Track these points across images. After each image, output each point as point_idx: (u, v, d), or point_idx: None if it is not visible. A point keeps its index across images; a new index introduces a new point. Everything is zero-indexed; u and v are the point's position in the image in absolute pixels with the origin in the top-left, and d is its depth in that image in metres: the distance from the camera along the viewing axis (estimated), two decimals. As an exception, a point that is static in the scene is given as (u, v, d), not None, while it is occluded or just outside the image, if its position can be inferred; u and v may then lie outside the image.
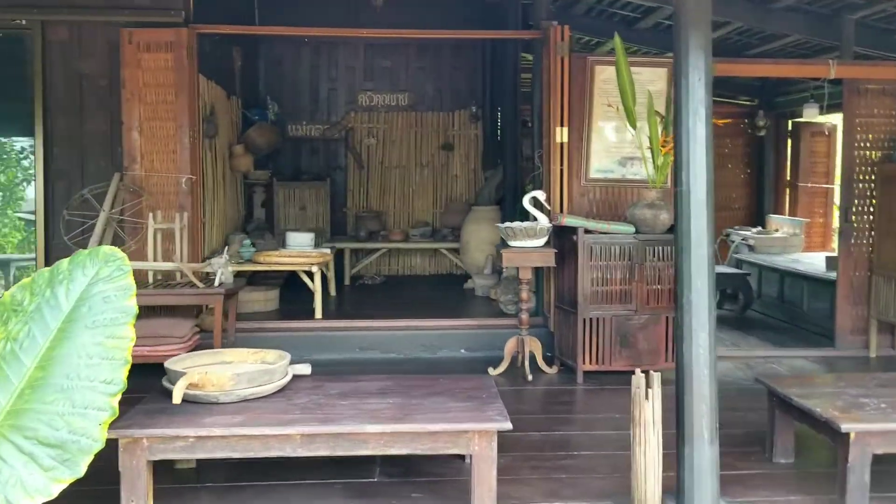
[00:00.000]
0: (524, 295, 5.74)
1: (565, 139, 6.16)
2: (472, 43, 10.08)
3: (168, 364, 3.69)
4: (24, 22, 6.23)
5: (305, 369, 4.02)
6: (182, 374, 3.52)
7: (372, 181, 10.03)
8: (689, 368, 3.36)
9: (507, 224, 5.72)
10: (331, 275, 8.18)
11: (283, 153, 10.01)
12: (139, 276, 5.86)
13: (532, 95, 6.87)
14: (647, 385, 3.31)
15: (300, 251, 7.21)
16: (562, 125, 6.14)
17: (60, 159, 6.32)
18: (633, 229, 5.66)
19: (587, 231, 5.61)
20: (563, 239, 5.88)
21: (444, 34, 7.23)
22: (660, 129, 5.69)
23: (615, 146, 6.28)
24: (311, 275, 6.80)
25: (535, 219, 5.72)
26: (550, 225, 5.65)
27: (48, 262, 6.21)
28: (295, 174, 9.81)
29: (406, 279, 9.64)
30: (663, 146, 5.63)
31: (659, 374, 3.37)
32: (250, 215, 8.51)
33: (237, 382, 3.54)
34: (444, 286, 9.02)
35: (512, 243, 5.68)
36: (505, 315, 6.83)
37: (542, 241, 5.64)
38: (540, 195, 5.76)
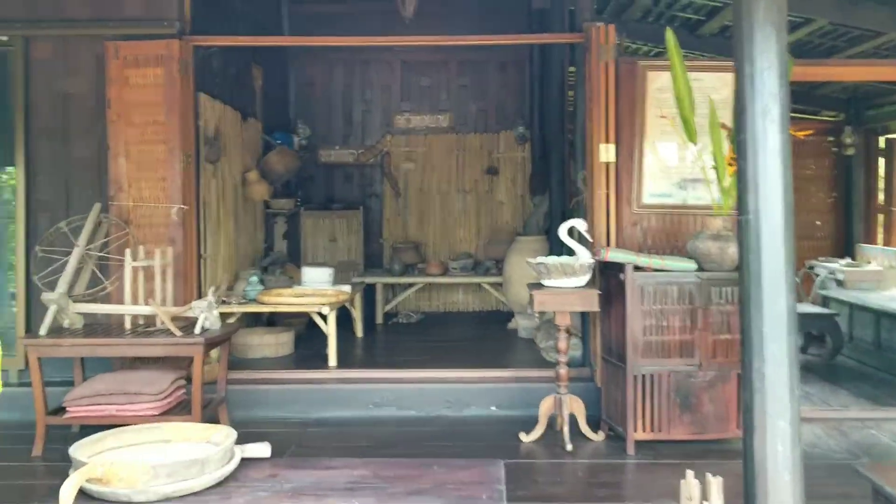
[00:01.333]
0: (561, 345, 4.77)
1: (611, 158, 5.20)
2: (518, 58, 9.21)
3: (72, 450, 2.87)
4: (5, 38, 5.63)
5: (262, 451, 3.15)
6: (83, 464, 2.70)
7: (410, 209, 9.20)
8: (761, 472, 2.39)
9: (540, 260, 4.78)
10: (358, 313, 7.36)
11: (315, 180, 9.29)
12: (116, 321, 5.13)
13: (574, 109, 5.93)
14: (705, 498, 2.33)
15: (315, 289, 6.41)
16: (607, 141, 5.19)
17: (43, 189, 5.66)
18: (694, 266, 4.65)
19: (637, 268, 4.63)
20: (608, 277, 4.91)
21: (472, 40, 6.34)
22: (726, 144, 4.69)
23: (673, 166, 5.29)
24: (324, 317, 5.97)
25: (574, 253, 4.78)
26: (592, 261, 4.69)
27: (29, 307, 5.56)
28: (327, 202, 9.06)
29: (446, 317, 8.75)
30: (730, 164, 4.63)
31: (720, 481, 2.38)
32: (272, 248, 7.78)
33: (154, 476, 2.69)
34: (485, 326, 8.10)
35: (546, 282, 4.75)
36: (547, 364, 5.86)
37: (582, 279, 4.68)
38: (579, 225, 4.81)
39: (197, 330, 4.71)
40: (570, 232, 4.81)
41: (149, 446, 3.10)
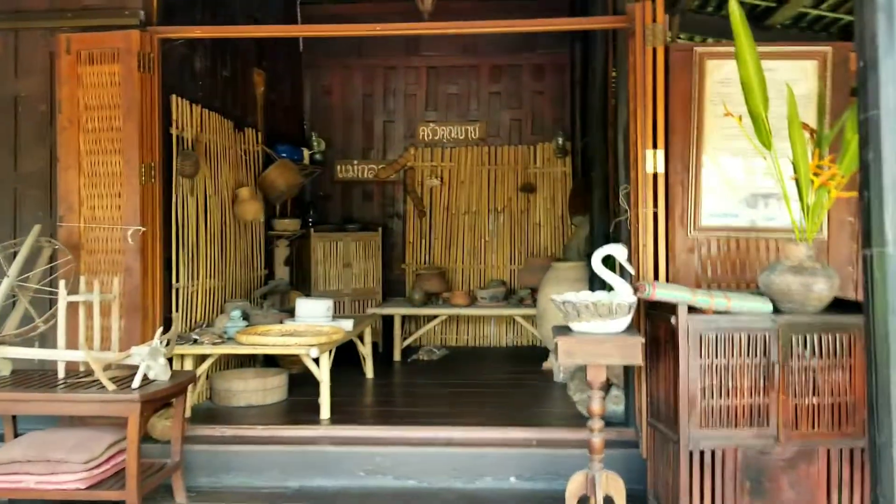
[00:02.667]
0: (595, 407, 3.70)
1: (660, 168, 4.14)
2: (557, 61, 8.18)
3: None
4: (-52, 34, 4.86)
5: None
6: None
7: (435, 231, 8.22)
8: None
9: (567, 297, 3.74)
10: (367, 351, 6.38)
11: (331, 198, 8.38)
12: (51, 367, 4.24)
13: (616, 111, 4.87)
14: None
15: (309, 325, 5.46)
16: (654, 147, 4.14)
17: (-13, 208, 4.86)
18: (769, 306, 3.56)
19: (693, 309, 3.56)
20: (655, 320, 3.84)
21: (496, 26, 5.39)
22: (809, 148, 3.61)
23: (739, 178, 4.22)
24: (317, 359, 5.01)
25: (612, 288, 3.74)
26: (634, 299, 3.63)
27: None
28: (343, 223, 8.13)
29: (473, 353, 7.71)
30: (816, 175, 3.54)
31: None
32: (273, 276, 6.87)
33: None
34: (517, 364, 7.05)
35: (575, 326, 3.70)
36: (581, 420, 4.79)
37: (620, 323, 3.63)
38: (618, 252, 3.76)
39: (135, 383, 3.78)
40: (607, 261, 3.77)
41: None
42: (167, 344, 4.01)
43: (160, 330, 4.03)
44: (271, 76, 7.23)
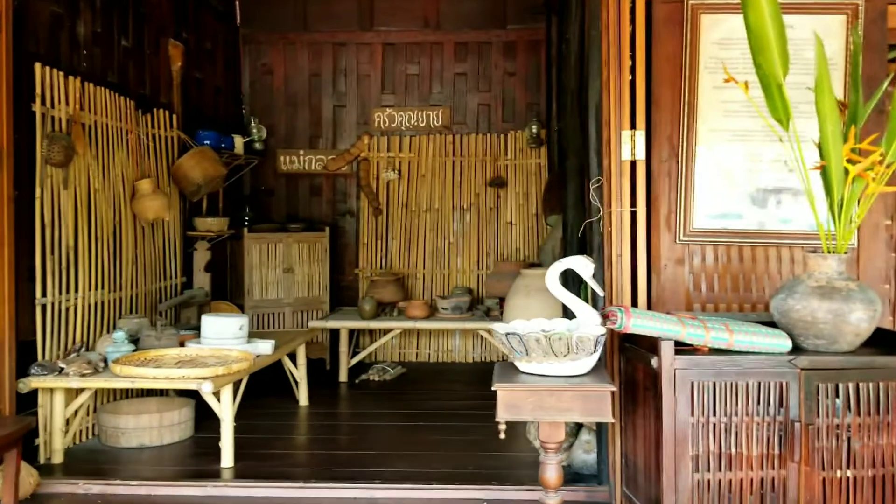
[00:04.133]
0: (549, 477, 2.72)
1: (640, 154, 3.15)
2: (531, 38, 7.16)
3: None
4: None
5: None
6: None
7: (392, 231, 7.20)
8: None
9: (509, 327, 2.74)
10: (300, 374, 5.39)
11: (274, 194, 7.36)
12: None
13: (586, 83, 3.84)
14: None
15: (214, 349, 4.45)
16: (632, 127, 3.15)
17: None
18: (786, 343, 2.59)
19: (682, 345, 2.58)
20: (630, 359, 2.86)
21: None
22: (840, 125, 2.63)
23: (744, 167, 3.23)
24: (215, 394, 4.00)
25: (572, 315, 2.75)
26: (603, 330, 2.64)
27: None
28: (288, 221, 7.10)
29: (433, 371, 6.70)
30: (851, 162, 2.57)
31: None
32: (190, 284, 5.84)
33: None
34: (482, 386, 5.99)
35: (524, 366, 2.71)
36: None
37: (584, 363, 2.64)
38: (581, 266, 2.77)
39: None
40: (567, 278, 2.79)
41: None
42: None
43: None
44: (194, 50, 6.20)
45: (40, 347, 4.14)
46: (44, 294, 4.16)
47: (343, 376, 6.26)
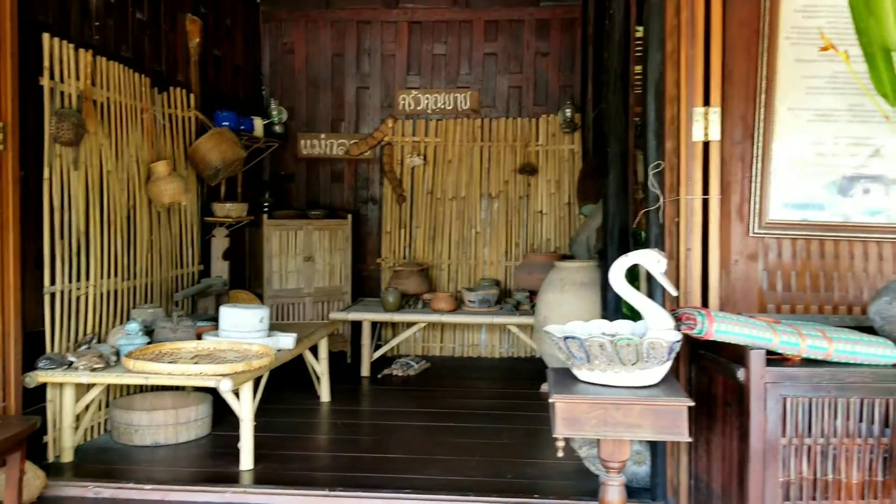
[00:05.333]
0: (611, 501, 2.40)
1: (714, 135, 2.82)
2: (566, 15, 6.79)
3: None
4: None
5: None
6: None
7: (417, 219, 6.88)
8: None
9: (567, 330, 2.42)
10: (322, 368, 5.09)
11: (294, 179, 7.06)
12: None
13: (627, 63, 3.48)
14: None
15: (233, 342, 4.16)
16: (706, 104, 2.81)
17: None
18: (892, 354, 2.25)
19: (772, 357, 2.25)
20: (708, 368, 2.53)
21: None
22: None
23: (829, 151, 2.89)
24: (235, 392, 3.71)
25: (639, 317, 2.43)
26: (678, 336, 2.31)
27: None
28: (308, 208, 6.79)
29: (459, 366, 6.39)
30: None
31: None
32: (208, 272, 5.55)
33: None
34: (511, 384, 5.75)
35: (583, 375, 2.39)
36: (590, 478, 3.52)
37: (655, 373, 2.32)
38: (650, 261, 2.44)
39: None
40: (634, 275, 2.46)
41: None
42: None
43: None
44: (213, 26, 5.89)
45: (49, 339, 3.86)
46: (52, 282, 3.87)
47: (365, 370, 5.97)
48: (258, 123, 6.17)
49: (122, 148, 4.46)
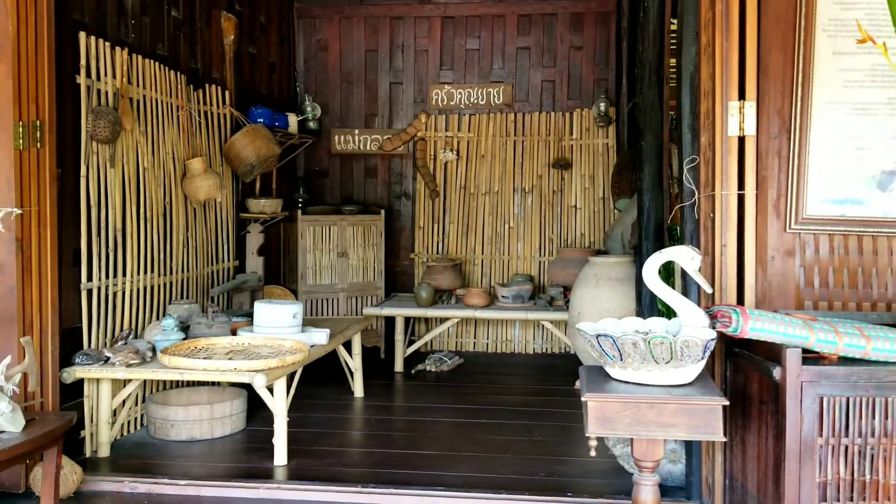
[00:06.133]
0: (644, 501, 2.37)
1: (750, 129, 2.76)
2: (600, 8, 6.73)
3: None
4: None
5: None
6: None
7: (450, 215, 6.87)
8: None
9: (600, 328, 2.40)
10: (356, 364, 5.12)
11: (327, 175, 7.09)
12: None
13: (679, 51, 3.44)
14: None
15: (267, 338, 4.19)
16: (741, 98, 2.76)
17: None
18: (934, 353, 2.19)
19: (808, 355, 2.20)
20: (743, 367, 2.49)
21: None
22: None
23: (868, 145, 2.82)
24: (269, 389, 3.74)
25: (672, 314, 2.40)
26: (713, 334, 2.28)
27: None
28: (342, 204, 6.82)
29: (492, 362, 6.38)
30: None
31: None
32: (243, 268, 5.60)
33: None
34: (545, 380, 5.73)
35: (615, 373, 2.37)
36: (624, 476, 3.49)
37: (689, 371, 2.29)
38: (684, 258, 2.40)
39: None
40: (669, 271, 2.43)
41: None
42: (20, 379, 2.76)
43: (6, 361, 2.77)
44: (248, 23, 5.94)
45: (86, 334, 3.92)
46: (90, 278, 3.94)
47: (399, 366, 5.99)
48: (292, 120, 6.21)
49: (158, 145, 4.52)
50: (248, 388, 4.06)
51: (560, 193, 6.81)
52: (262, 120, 5.63)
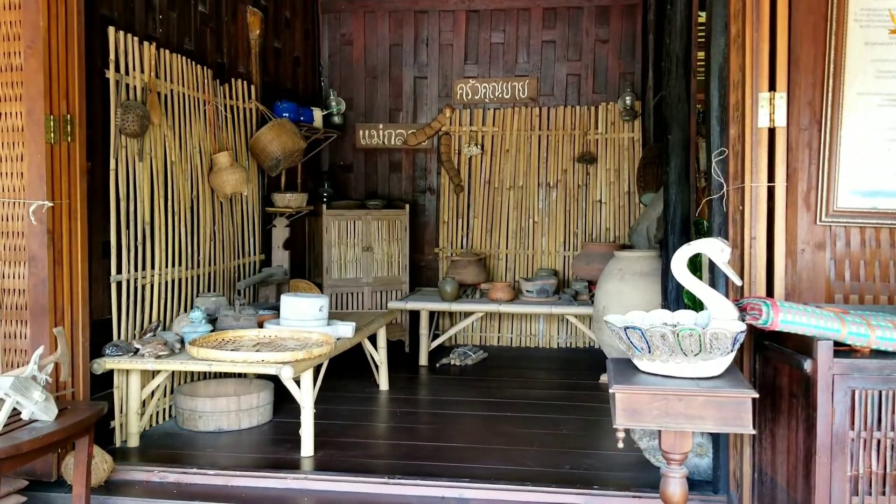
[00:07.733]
0: (672, 493, 2.37)
1: (780, 121, 2.74)
2: (627, 2, 6.68)
3: None
4: None
5: None
6: None
7: (475, 209, 6.87)
8: None
9: (628, 320, 2.39)
10: (381, 357, 5.14)
11: (352, 169, 7.11)
12: None
13: (708, 42, 3.41)
14: None
15: (294, 330, 4.22)
16: (772, 89, 2.74)
17: None
18: (969, 346, 2.16)
19: (840, 348, 2.18)
20: (772, 359, 2.47)
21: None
22: None
23: (901, 136, 2.78)
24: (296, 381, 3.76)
25: (701, 306, 2.38)
26: (742, 327, 2.26)
27: None
28: (366, 198, 6.84)
29: (517, 357, 6.37)
30: None
31: None
32: (269, 262, 5.64)
33: None
34: (569, 374, 5.70)
35: (643, 365, 2.36)
36: (650, 470, 3.48)
37: (718, 364, 2.27)
38: (714, 250, 2.39)
39: (-6, 426, 2.59)
40: (696, 265, 2.41)
41: None
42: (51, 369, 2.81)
43: (39, 351, 2.81)
44: (273, 18, 5.96)
45: (115, 326, 3.97)
46: (119, 271, 3.98)
47: (423, 360, 6.00)
48: (317, 114, 6.23)
49: (185, 139, 4.56)
50: (274, 380, 4.09)
51: (585, 188, 6.78)
52: (287, 114, 5.66)
